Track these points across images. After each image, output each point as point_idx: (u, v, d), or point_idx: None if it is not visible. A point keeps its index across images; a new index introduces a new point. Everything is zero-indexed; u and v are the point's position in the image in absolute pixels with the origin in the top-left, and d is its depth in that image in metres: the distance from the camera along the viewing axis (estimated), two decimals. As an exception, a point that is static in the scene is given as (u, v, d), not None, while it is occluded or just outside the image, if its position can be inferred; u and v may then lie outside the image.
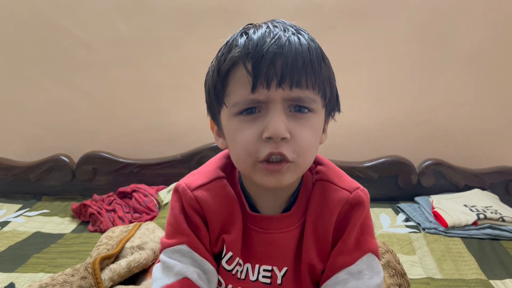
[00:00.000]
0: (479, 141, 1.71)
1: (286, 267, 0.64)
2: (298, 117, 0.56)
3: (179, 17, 1.63)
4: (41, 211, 1.51)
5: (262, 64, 0.53)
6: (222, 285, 0.66)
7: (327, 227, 0.62)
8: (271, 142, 0.54)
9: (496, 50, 1.63)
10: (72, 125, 1.74)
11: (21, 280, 1.01)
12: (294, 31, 0.56)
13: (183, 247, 0.62)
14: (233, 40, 0.57)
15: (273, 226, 0.63)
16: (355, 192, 0.62)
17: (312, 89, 0.56)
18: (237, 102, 0.56)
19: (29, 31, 1.65)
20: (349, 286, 0.59)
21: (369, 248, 0.62)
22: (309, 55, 0.54)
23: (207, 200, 0.63)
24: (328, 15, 1.61)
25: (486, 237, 1.31)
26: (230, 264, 0.65)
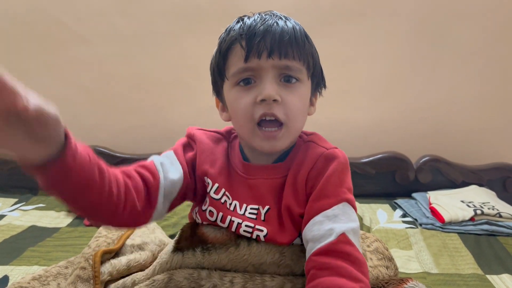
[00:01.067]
0: (477, 138, 1.71)
1: (268, 205, 0.72)
2: (287, 86, 0.68)
3: (178, 13, 1.63)
4: (37, 205, 1.50)
5: (254, 39, 0.65)
6: (213, 214, 0.74)
7: (302, 176, 0.70)
8: (265, 104, 0.66)
9: (494, 48, 1.63)
10: (69, 120, 1.70)
11: (15, 273, 1.01)
12: (282, 17, 0.69)
13: (169, 152, 0.75)
14: (231, 27, 0.70)
15: (259, 174, 0.73)
16: (331, 149, 0.71)
17: (299, 59, 0.67)
18: (234, 72, 0.68)
19: (27, 26, 1.65)
20: (324, 226, 0.64)
21: (345, 198, 0.68)
22: (294, 33, 0.67)
23: (202, 139, 0.77)
24: (326, 11, 1.61)
25: (483, 233, 1.31)
26: (217, 193, 0.74)
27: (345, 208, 0.67)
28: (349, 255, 0.62)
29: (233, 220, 0.72)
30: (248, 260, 0.71)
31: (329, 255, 0.62)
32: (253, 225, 0.71)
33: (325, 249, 0.62)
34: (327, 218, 0.66)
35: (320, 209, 0.67)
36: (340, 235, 0.63)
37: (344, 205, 0.67)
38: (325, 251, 0.62)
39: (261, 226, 0.71)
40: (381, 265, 0.80)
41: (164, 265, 0.75)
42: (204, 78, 1.63)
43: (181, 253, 0.74)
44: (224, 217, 0.73)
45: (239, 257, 0.71)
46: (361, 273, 0.61)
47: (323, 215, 0.66)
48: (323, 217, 0.66)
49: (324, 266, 0.61)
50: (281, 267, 0.71)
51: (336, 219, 0.65)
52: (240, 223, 0.71)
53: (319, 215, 0.66)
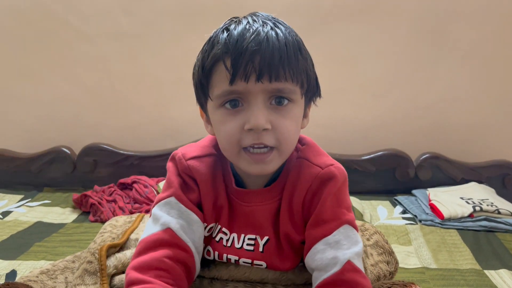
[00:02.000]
0: (476, 135, 1.72)
1: (267, 236, 0.69)
2: (279, 109, 0.61)
3: (181, 12, 1.64)
4: (43, 201, 1.53)
5: (241, 60, 0.57)
6: (210, 254, 0.71)
7: (298, 201, 0.66)
8: (253, 132, 0.59)
9: (494, 46, 1.64)
10: (73, 117, 1.75)
11: (23, 267, 1.03)
12: (272, 25, 0.60)
13: (171, 199, 0.67)
14: (215, 37, 0.62)
15: (253, 200, 0.68)
16: (326, 168, 0.66)
17: (291, 81, 0.60)
18: (218, 94, 0.61)
19: (31, 24, 1.66)
20: (327, 255, 0.62)
21: (346, 219, 0.65)
22: (286, 50, 0.58)
23: (199, 169, 0.68)
24: (327, 10, 1.62)
25: (482, 229, 1.33)
26: (213, 232, 0.71)
27: (346, 231, 0.64)
28: (357, 283, 0.60)
29: (229, 258, 0.70)
30: (249, 277, 0.71)
31: (335, 285, 0.60)
32: (251, 261, 0.69)
33: (331, 280, 0.60)
34: (329, 246, 0.62)
35: (320, 236, 0.63)
36: (345, 264, 0.60)
37: (345, 228, 0.64)
38: (331, 282, 0.60)
39: (260, 260, 0.69)
40: (382, 261, 0.80)
41: None
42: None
43: None
44: (220, 255, 0.70)
45: (240, 274, 0.71)
46: None
47: (324, 243, 0.63)
48: (324, 244, 0.63)
49: None
50: (283, 281, 0.72)
51: (339, 246, 0.62)
52: (237, 260, 0.69)
53: (319, 243, 0.63)
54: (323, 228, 0.64)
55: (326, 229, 0.63)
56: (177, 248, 0.63)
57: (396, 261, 0.83)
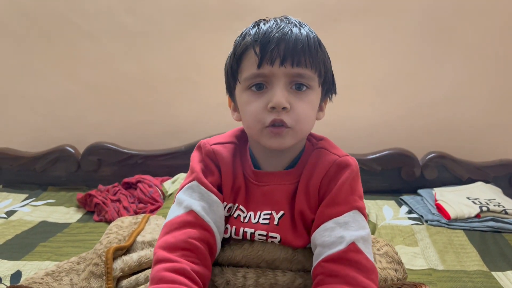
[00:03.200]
0: (483, 134, 1.71)
1: (282, 211, 0.74)
2: (298, 93, 0.69)
3: (184, 10, 1.63)
4: (47, 200, 1.53)
5: (268, 46, 0.66)
6: (228, 231, 0.75)
7: (315, 183, 0.72)
8: (274, 111, 0.67)
9: (501, 44, 1.63)
10: (77, 116, 1.75)
11: (28, 268, 1.03)
12: (297, 24, 0.70)
13: (193, 183, 0.74)
14: (247, 31, 0.72)
15: (272, 180, 0.75)
16: (343, 157, 0.73)
17: (311, 68, 0.68)
18: (247, 77, 0.69)
19: (34, 23, 1.66)
20: (336, 233, 0.66)
21: (356, 206, 0.70)
22: (308, 41, 0.68)
23: (221, 152, 0.76)
24: (332, 8, 1.61)
25: (489, 230, 1.31)
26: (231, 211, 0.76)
27: (355, 215, 0.69)
28: (358, 263, 0.63)
29: (246, 231, 0.74)
30: (262, 256, 0.73)
31: (339, 262, 0.63)
32: (266, 233, 0.73)
33: (335, 257, 0.64)
34: (338, 225, 0.67)
35: (331, 215, 0.68)
36: (350, 244, 0.64)
37: (355, 212, 0.69)
38: (335, 259, 0.64)
39: (274, 232, 0.73)
40: (390, 268, 0.81)
41: None
42: (210, 75, 1.66)
43: None
44: (237, 230, 0.74)
45: (253, 253, 0.73)
46: (370, 280, 0.62)
47: (334, 222, 0.68)
48: (334, 223, 0.68)
49: (333, 273, 0.63)
50: (294, 263, 0.73)
51: (347, 226, 0.67)
52: (253, 232, 0.73)
53: (330, 221, 0.68)
54: (335, 209, 0.69)
55: (338, 210, 0.69)
56: (200, 228, 0.69)
57: (405, 271, 0.84)
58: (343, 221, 0.68)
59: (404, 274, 0.82)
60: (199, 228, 0.69)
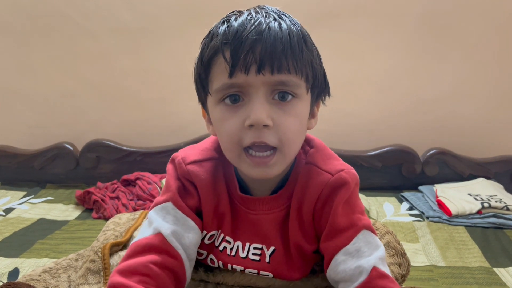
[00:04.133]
0: (484, 130, 1.70)
1: (273, 246, 0.66)
2: (282, 105, 0.57)
3: (184, 7, 1.62)
4: (45, 198, 1.52)
5: (241, 50, 0.54)
6: (215, 263, 0.69)
7: (308, 210, 0.63)
8: (254, 129, 0.55)
9: (502, 40, 1.62)
10: (76, 113, 1.74)
11: (26, 265, 1.02)
12: (276, 17, 0.57)
13: (168, 204, 0.64)
14: (215, 29, 0.59)
15: (259, 208, 0.65)
16: (337, 174, 0.62)
17: (295, 73, 0.56)
18: (218, 88, 0.57)
19: (34, 20, 1.65)
20: (350, 265, 0.58)
21: (363, 224, 0.61)
22: (289, 40, 0.55)
23: (199, 174, 0.65)
24: (332, 4, 1.59)
25: (490, 226, 1.31)
26: (217, 241, 0.68)
27: (365, 237, 0.61)
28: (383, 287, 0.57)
29: (234, 268, 0.67)
30: (256, 283, 0.69)
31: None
32: (257, 271, 0.66)
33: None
34: (350, 256, 0.59)
35: (339, 246, 0.60)
36: (371, 271, 0.57)
37: (363, 234, 0.61)
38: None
39: (266, 271, 0.66)
40: (393, 263, 0.78)
41: None
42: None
43: None
44: (224, 264, 0.68)
45: (246, 281, 0.70)
46: None
47: (344, 253, 0.60)
48: (345, 255, 0.59)
49: None
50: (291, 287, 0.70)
51: (360, 254, 0.59)
52: (243, 270, 0.67)
53: (339, 254, 0.60)
54: (341, 238, 0.60)
55: (344, 238, 0.60)
56: (165, 254, 0.60)
57: (408, 263, 0.80)
58: (354, 250, 0.59)
59: (408, 267, 0.79)
60: (165, 254, 0.60)
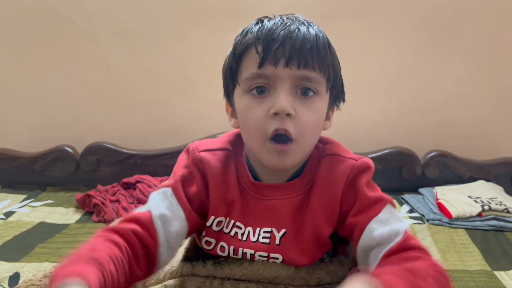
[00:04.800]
0: (484, 133, 1.70)
1: (284, 229, 0.68)
2: (303, 99, 0.63)
3: (184, 8, 1.62)
4: (46, 201, 1.52)
5: (272, 45, 0.60)
6: (225, 250, 0.71)
7: (335, 193, 0.67)
8: (277, 118, 0.61)
9: (502, 41, 1.62)
10: (76, 116, 1.74)
11: (26, 270, 1.02)
12: (304, 23, 0.64)
13: (168, 190, 0.68)
14: (249, 28, 0.66)
15: (273, 194, 0.69)
16: (361, 160, 0.69)
17: (319, 70, 0.62)
18: (247, 77, 0.63)
19: (33, 21, 1.65)
20: (386, 229, 0.62)
21: (388, 199, 0.66)
22: (316, 41, 0.62)
23: (210, 161, 0.69)
24: (332, 6, 1.60)
25: (491, 229, 1.31)
26: (227, 227, 0.70)
27: (390, 210, 0.65)
28: (419, 246, 0.61)
29: (245, 252, 0.69)
30: (263, 274, 0.70)
31: (403, 250, 0.60)
32: (267, 254, 0.69)
33: (397, 248, 0.60)
34: (381, 223, 0.63)
35: (370, 217, 0.64)
36: (405, 233, 0.61)
37: (388, 207, 0.65)
38: (397, 249, 0.60)
39: (276, 253, 0.68)
40: None
41: (174, 274, 0.74)
42: (209, 74, 1.64)
43: (190, 263, 0.74)
44: (235, 250, 0.70)
45: (253, 272, 0.70)
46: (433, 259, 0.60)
47: (377, 221, 0.63)
48: (377, 223, 0.63)
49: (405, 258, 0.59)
50: (296, 279, 0.71)
51: (389, 222, 0.63)
52: (253, 253, 0.69)
53: (372, 222, 0.63)
54: (371, 211, 0.65)
55: (374, 210, 0.64)
56: (146, 231, 0.63)
57: None
58: (384, 218, 0.63)
59: None
60: (145, 230, 0.63)
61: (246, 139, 0.68)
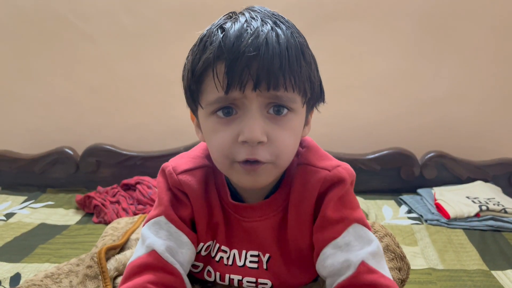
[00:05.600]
0: (482, 133, 1.71)
1: (268, 253, 0.65)
2: (277, 119, 0.56)
3: (183, 11, 1.63)
4: (46, 203, 1.52)
5: (237, 67, 0.52)
6: (211, 275, 0.67)
7: (308, 208, 0.62)
8: (247, 145, 0.54)
9: (500, 43, 1.63)
10: (76, 118, 1.75)
11: (27, 270, 1.03)
12: (272, 24, 0.55)
13: (161, 218, 0.63)
14: (209, 36, 0.56)
15: (252, 215, 0.64)
16: (334, 170, 0.61)
17: (292, 90, 0.54)
18: (211, 101, 0.56)
19: (33, 24, 1.66)
20: (338, 259, 0.57)
21: (354, 218, 0.60)
22: (287, 55, 0.53)
23: (191, 184, 0.64)
24: (331, 8, 1.61)
25: (488, 229, 1.31)
26: (213, 251, 0.67)
27: (356, 230, 0.59)
28: (375, 284, 0.54)
29: (232, 278, 0.66)
30: None
31: None
32: (255, 280, 0.65)
33: (346, 284, 0.55)
34: (339, 249, 0.58)
35: (328, 239, 0.59)
36: (359, 265, 0.55)
37: (354, 227, 0.59)
38: (346, 286, 0.55)
39: (264, 278, 0.65)
40: (393, 268, 0.77)
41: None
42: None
43: None
44: (222, 276, 0.67)
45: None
46: None
47: (333, 246, 0.58)
48: (334, 248, 0.58)
49: None
50: None
51: (349, 248, 0.57)
52: (241, 279, 0.66)
53: (328, 247, 0.58)
54: (331, 231, 0.59)
55: (334, 231, 0.59)
56: (162, 271, 0.59)
57: (408, 267, 0.79)
58: (343, 243, 0.58)
59: (408, 272, 0.78)
60: (161, 271, 0.59)
61: (214, 161, 0.61)
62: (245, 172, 0.56)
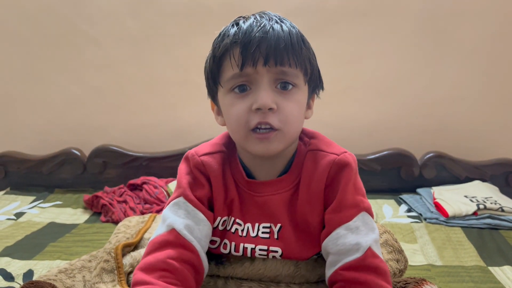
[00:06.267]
0: (480, 134, 1.73)
1: (279, 223, 0.72)
2: (284, 93, 0.66)
3: (188, 14, 1.66)
4: (54, 202, 1.56)
5: (249, 47, 0.63)
6: (227, 246, 0.74)
7: (319, 187, 0.70)
8: (260, 112, 0.64)
9: (499, 45, 1.65)
10: (83, 119, 1.78)
11: (39, 267, 1.06)
12: (277, 20, 0.67)
13: (180, 199, 0.71)
14: (226, 31, 0.68)
15: (264, 190, 0.72)
16: (342, 155, 0.70)
17: (295, 66, 0.66)
18: (228, 78, 0.66)
19: (40, 28, 1.69)
20: (350, 240, 0.65)
21: (364, 207, 0.69)
22: (290, 38, 0.65)
23: (211, 163, 0.73)
24: (331, 11, 1.64)
25: (486, 227, 1.34)
26: (229, 225, 0.74)
27: (364, 218, 0.68)
28: (377, 268, 0.63)
29: (246, 247, 0.72)
30: (263, 273, 0.73)
31: (359, 270, 0.63)
32: (267, 247, 0.72)
33: (354, 265, 0.63)
34: (350, 231, 0.66)
35: (341, 221, 0.67)
36: (367, 250, 0.64)
37: (363, 215, 0.68)
38: (354, 266, 0.63)
39: (275, 246, 0.72)
40: (391, 259, 0.81)
41: None
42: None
43: None
44: (237, 246, 0.73)
45: (254, 271, 0.73)
46: (388, 284, 0.63)
47: (346, 228, 0.66)
48: (346, 229, 0.66)
49: (354, 280, 0.62)
50: (297, 277, 0.74)
51: (358, 231, 0.66)
52: (254, 248, 0.72)
53: (341, 228, 0.67)
54: (344, 214, 0.67)
55: (347, 215, 0.67)
56: (181, 248, 0.65)
57: (406, 260, 0.84)
58: (354, 226, 0.66)
59: (405, 263, 0.84)
60: (180, 247, 0.65)
61: (231, 133, 0.71)
62: (259, 141, 0.65)
